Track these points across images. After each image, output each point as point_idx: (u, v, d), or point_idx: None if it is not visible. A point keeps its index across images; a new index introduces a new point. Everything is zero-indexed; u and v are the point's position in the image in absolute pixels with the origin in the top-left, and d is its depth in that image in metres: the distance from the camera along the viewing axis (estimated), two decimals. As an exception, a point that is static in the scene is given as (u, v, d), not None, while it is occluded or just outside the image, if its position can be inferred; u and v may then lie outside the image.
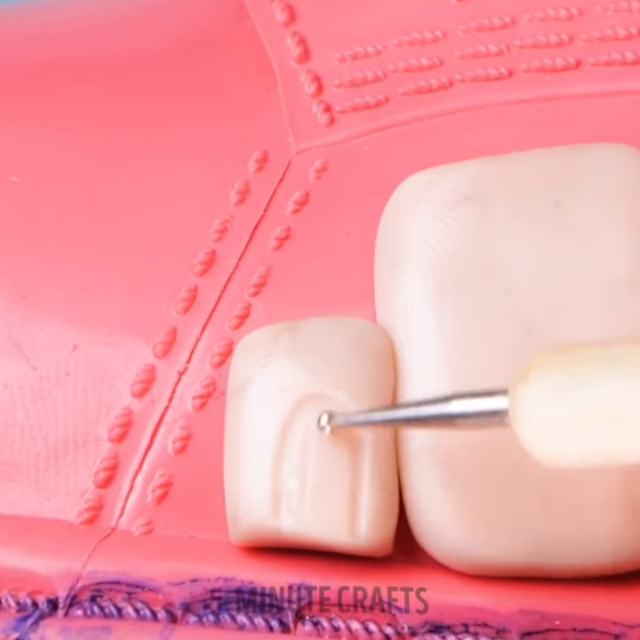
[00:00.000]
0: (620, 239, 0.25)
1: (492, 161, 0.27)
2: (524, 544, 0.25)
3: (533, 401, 0.22)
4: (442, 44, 0.29)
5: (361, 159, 0.29)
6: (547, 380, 0.22)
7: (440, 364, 0.26)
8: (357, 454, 0.26)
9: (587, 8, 0.28)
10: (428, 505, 0.25)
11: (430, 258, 0.26)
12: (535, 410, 0.22)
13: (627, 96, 0.27)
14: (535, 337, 0.26)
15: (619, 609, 0.24)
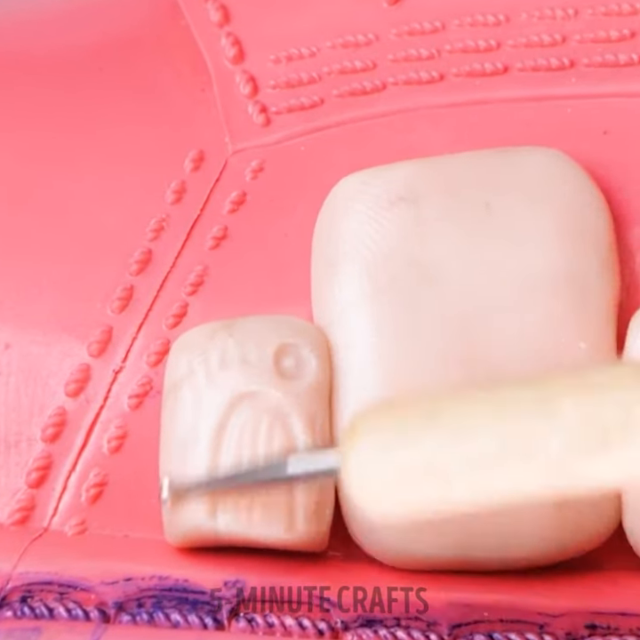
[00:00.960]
0: (547, 240, 0.26)
1: (425, 163, 0.27)
2: (453, 539, 0.25)
3: (359, 459, 0.22)
4: (375, 48, 0.29)
5: (297, 160, 0.29)
6: (371, 437, 0.22)
7: (375, 362, 0.26)
8: (292, 452, 0.26)
9: (513, 15, 0.28)
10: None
11: (365, 258, 0.27)
12: (361, 467, 0.22)
13: (552, 101, 0.28)
14: (466, 335, 0.26)
15: (543, 600, 0.25)
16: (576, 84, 0.27)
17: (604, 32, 0.28)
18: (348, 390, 0.26)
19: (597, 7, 0.28)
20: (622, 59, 0.27)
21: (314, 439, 0.26)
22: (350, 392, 0.26)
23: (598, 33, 0.28)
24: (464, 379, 0.25)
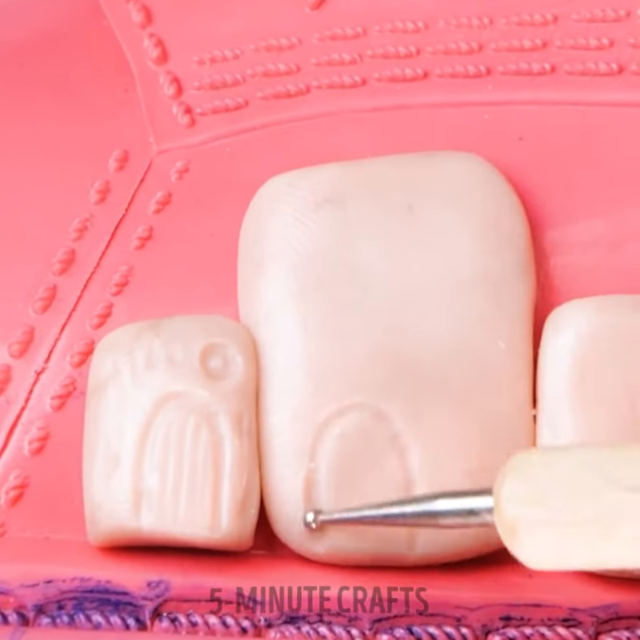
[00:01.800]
0: (466, 242, 0.26)
1: (350, 165, 0.27)
2: (374, 535, 0.25)
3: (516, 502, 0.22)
4: (298, 51, 0.29)
5: (222, 161, 0.29)
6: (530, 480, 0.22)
7: (301, 363, 0.26)
8: (219, 452, 0.26)
9: (431, 22, 0.29)
10: (286, 499, 0.26)
11: (291, 258, 0.27)
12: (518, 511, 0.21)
13: (470, 107, 0.28)
14: (391, 335, 0.26)
15: (461, 594, 0.25)
16: (492, 90, 0.28)
17: (518, 41, 0.28)
18: (275, 390, 0.26)
19: (511, 17, 0.29)
20: (535, 67, 0.28)
21: (240, 439, 0.26)
22: (277, 392, 0.26)
23: (512, 42, 0.28)
24: (389, 378, 0.26)
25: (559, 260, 0.27)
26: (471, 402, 0.26)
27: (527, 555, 0.22)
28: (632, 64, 0.27)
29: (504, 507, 0.22)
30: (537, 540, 0.22)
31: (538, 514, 0.21)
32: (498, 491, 0.22)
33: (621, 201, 0.27)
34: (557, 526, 0.21)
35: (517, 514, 0.22)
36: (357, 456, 0.26)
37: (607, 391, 0.25)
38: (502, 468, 0.22)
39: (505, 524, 0.22)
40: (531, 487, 0.22)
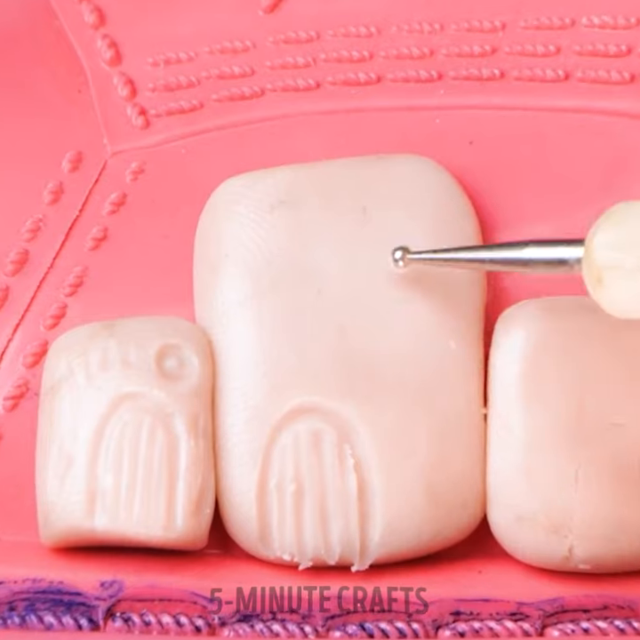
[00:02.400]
0: (422, 244, 0.26)
1: (305, 168, 0.27)
2: (328, 536, 0.25)
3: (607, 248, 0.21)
4: (252, 54, 0.29)
5: (178, 162, 0.29)
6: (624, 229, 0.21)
7: (257, 364, 0.26)
8: (174, 452, 0.26)
9: (384, 27, 0.29)
10: (240, 500, 0.26)
11: (247, 260, 0.27)
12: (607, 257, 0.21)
13: (422, 111, 0.28)
14: (345, 336, 0.26)
15: (418, 589, 0.25)
16: (444, 95, 0.28)
17: (468, 47, 0.29)
18: (231, 391, 0.26)
19: (461, 23, 0.29)
20: (485, 73, 0.28)
21: (196, 440, 0.26)
22: (232, 393, 0.26)
23: (463, 48, 0.29)
24: (344, 378, 0.26)
25: (510, 260, 0.27)
26: (424, 401, 0.26)
27: (610, 302, 0.21)
28: (578, 71, 0.28)
29: (594, 253, 0.21)
30: (621, 288, 0.21)
31: (625, 261, 0.21)
32: (590, 238, 0.22)
33: (568, 204, 0.27)
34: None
35: (606, 260, 0.21)
36: (312, 456, 0.26)
37: (556, 389, 0.25)
38: (597, 220, 0.22)
39: (592, 271, 0.21)
40: (623, 235, 0.21)
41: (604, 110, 0.27)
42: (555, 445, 0.25)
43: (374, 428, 0.25)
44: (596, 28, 0.28)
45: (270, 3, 0.30)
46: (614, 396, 0.25)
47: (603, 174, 0.27)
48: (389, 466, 0.25)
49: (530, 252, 0.23)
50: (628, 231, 0.21)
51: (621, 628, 0.24)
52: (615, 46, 0.28)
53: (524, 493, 0.25)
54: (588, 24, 0.28)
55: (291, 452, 0.26)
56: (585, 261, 0.22)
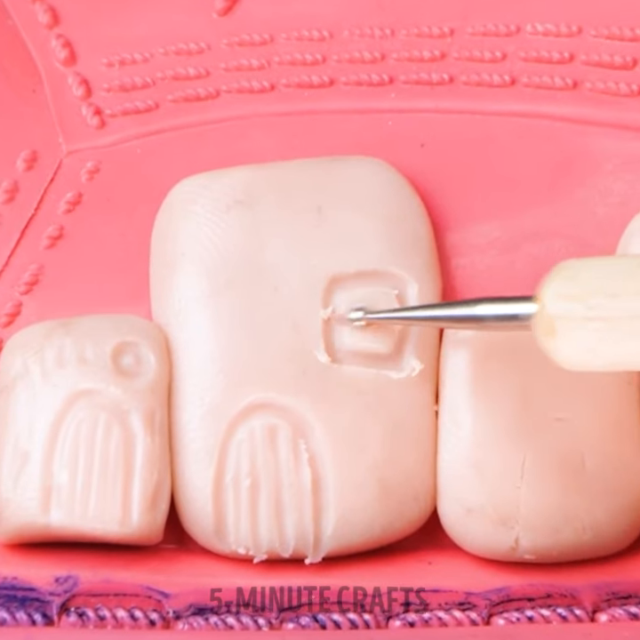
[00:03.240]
0: (375, 243, 0.26)
1: (261, 168, 0.27)
2: (280, 530, 0.25)
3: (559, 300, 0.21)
4: (207, 56, 0.29)
5: (133, 162, 0.29)
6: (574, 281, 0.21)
7: (213, 360, 0.26)
8: (130, 449, 0.25)
9: (336, 31, 0.29)
10: (196, 495, 0.26)
11: (204, 258, 0.26)
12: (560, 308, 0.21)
13: (375, 114, 0.28)
14: (300, 333, 0.26)
15: (364, 582, 0.25)
16: (395, 98, 0.28)
17: (418, 52, 0.29)
18: (187, 388, 0.26)
19: (411, 29, 0.29)
20: (435, 77, 0.29)
21: (152, 436, 0.26)
22: (189, 389, 0.26)
23: (413, 52, 0.29)
24: (298, 375, 0.26)
25: (460, 260, 0.27)
26: (377, 398, 0.26)
27: (562, 353, 0.22)
28: (523, 76, 0.28)
29: (547, 305, 0.21)
30: (572, 338, 0.21)
31: (578, 311, 0.21)
32: (542, 291, 0.22)
33: (515, 205, 0.27)
34: (595, 322, 0.21)
35: (558, 311, 0.21)
36: (268, 451, 0.26)
37: (502, 388, 0.25)
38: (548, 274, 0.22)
39: (545, 322, 0.22)
40: (574, 286, 0.21)
41: (548, 115, 0.28)
42: (502, 439, 0.25)
43: (328, 424, 0.25)
44: (540, 36, 0.28)
45: (224, 6, 0.30)
46: (557, 393, 0.25)
47: (548, 176, 0.27)
48: (343, 460, 0.25)
49: (482, 308, 0.23)
50: (578, 284, 0.21)
51: (564, 616, 0.24)
52: (558, 53, 0.28)
53: (472, 487, 0.25)
54: (532, 31, 0.28)
55: (246, 447, 0.26)
56: (538, 314, 0.22)
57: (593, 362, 0.22)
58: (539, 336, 0.22)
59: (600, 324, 0.21)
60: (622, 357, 0.21)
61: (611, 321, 0.21)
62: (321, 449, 0.25)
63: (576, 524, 0.25)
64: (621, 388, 0.25)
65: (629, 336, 0.21)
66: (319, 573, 0.25)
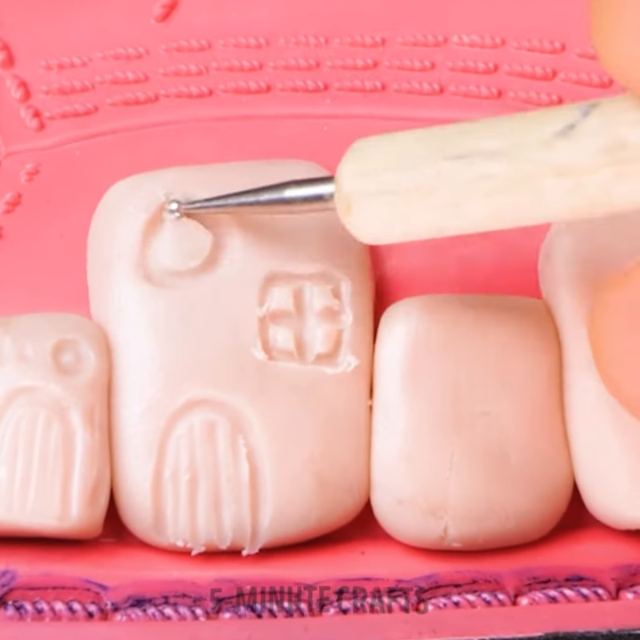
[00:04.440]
0: (311, 245, 0.26)
1: (194, 170, 0.27)
2: (214, 524, 0.25)
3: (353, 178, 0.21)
4: (145, 61, 0.29)
5: (72, 164, 0.28)
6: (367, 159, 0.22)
7: (152, 358, 0.26)
8: (70, 445, 0.25)
9: (272, 39, 0.29)
10: (135, 490, 0.25)
11: (140, 259, 0.26)
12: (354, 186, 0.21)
13: (310, 119, 0.28)
14: (237, 330, 0.26)
15: (300, 572, 0.25)
16: (330, 105, 0.28)
17: (352, 60, 0.29)
18: (127, 385, 0.26)
19: (344, 37, 0.29)
20: (368, 85, 0.29)
21: (92, 432, 0.25)
22: (128, 386, 0.26)
23: (346, 60, 0.29)
24: (236, 372, 0.25)
25: (392, 261, 0.27)
26: (313, 392, 0.26)
27: (359, 228, 0.22)
28: (451, 85, 0.28)
29: (341, 183, 0.22)
30: (367, 212, 0.22)
31: (369, 186, 0.21)
32: (338, 171, 0.22)
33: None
34: (384, 196, 0.21)
35: (351, 188, 0.22)
36: (207, 446, 0.25)
37: (434, 381, 0.25)
38: (344, 155, 0.22)
39: (342, 200, 0.22)
40: (365, 164, 0.22)
41: (475, 122, 0.28)
42: (432, 433, 0.25)
43: (266, 419, 0.25)
44: (466, 47, 0.29)
45: (162, 12, 0.29)
46: (485, 387, 0.25)
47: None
48: (280, 455, 0.25)
49: (290, 192, 0.24)
50: (369, 162, 0.22)
51: (488, 600, 0.24)
52: (483, 63, 0.28)
53: (403, 478, 0.25)
54: (458, 42, 0.29)
55: (185, 442, 0.25)
56: (336, 193, 0.22)
57: (389, 236, 0.22)
58: (340, 215, 0.22)
59: (391, 197, 0.21)
60: (413, 228, 0.22)
61: (399, 194, 0.21)
62: (259, 444, 0.25)
63: (500, 513, 0.25)
64: (543, 383, 0.25)
65: (417, 207, 0.21)
66: (256, 564, 0.25)
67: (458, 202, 0.21)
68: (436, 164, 0.21)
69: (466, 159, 0.21)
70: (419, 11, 0.29)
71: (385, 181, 0.21)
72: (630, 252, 0.25)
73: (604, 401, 0.24)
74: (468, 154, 0.21)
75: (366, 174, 0.22)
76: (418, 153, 0.21)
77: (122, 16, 0.29)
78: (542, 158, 0.20)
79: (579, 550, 0.25)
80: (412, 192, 0.21)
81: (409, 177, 0.21)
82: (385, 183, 0.21)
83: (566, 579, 0.24)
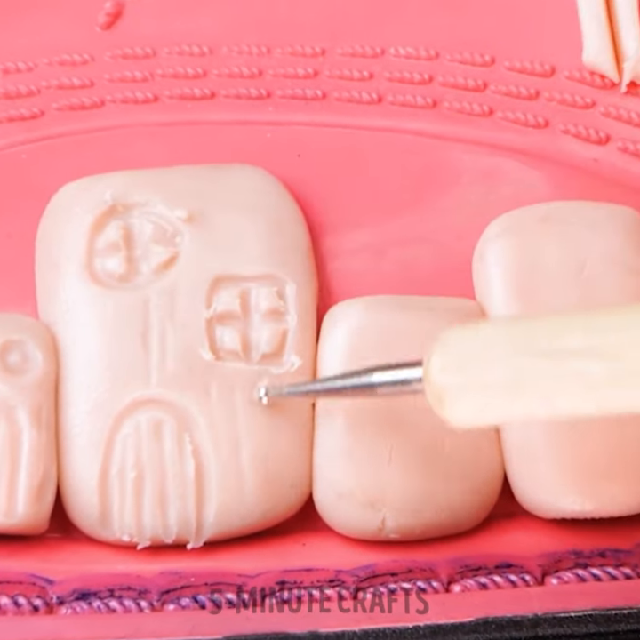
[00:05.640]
0: (257, 246, 0.26)
1: (142, 173, 0.26)
2: (160, 519, 0.25)
3: (443, 372, 0.22)
4: (91, 67, 0.28)
5: (19, 167, 0.28)
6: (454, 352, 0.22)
7: (99, 358, 0.25)
8: (17, 443, 0.24)
9: (216, 47, 0.28)
10: (82, 487, 0.25)
11: (89, 260, 0.26)
12: (444, 379, 0.22)
13: (254, 126, 0.28)
14: (185, 331, 0.25)
15: (243, 564, 0.25)
16: (273, 112, 0.28)
17: (293, 69, 0.29)
18: (75, 384, 0.25)
19: (285, 47, 0.29)
20: (309, 93, 0.28)
21: (39, 431, 0.25)
22: (76, 386, 0.25)
23: (288, 69, 0.29)
24: (182, 372, 0.25)
25: (335, 264, 0.27)
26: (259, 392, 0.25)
27: (454, 418, 0.22)
28: (389, 95, 0.28)
29: (432, 377, 0.22)
30: (459, 405, 0.22)
31: (458, 380, 0.22)
32: (427, 363, 0.22)
33: (384, 212, 0.27)
34: (474, 389, 0.22)
35: (443, 382, 0.22)
36: (153, 445, 0.25)
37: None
38: (429, 345, 0.22)
39: (433, 392, 0.22)
40: (452, 358, 0.22)
41: (411, 130, 0.28)
42: (371, 429, 0.25)
43: (212, 418, 0.25)
44: (402, 58, 0.29)
45: (107, 20, 0.29)
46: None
47: (412, 186, 0.27)
48: (225, 452, 0.25)
49: (377, 377, 0.24)
50: (455, 354, 0.22)
51: (422, 588, 0.24)
52: (419, 75, 0.29)
53: (343, 473, 0.25)
54: (395, 54, 0.29)
55: (132, 441, 0.25)
56: (426, 387, 0.22)
57: (484, 423, 0.22)
58: (433, 407, 0.23)
59: (480, 391, 0.22)
60: (508, 417, 0.22)
61: (489, 388, 0.22)
62: (204, 442, 0.25)
63: (435, 504, 0.25)
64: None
65: (507, 400, 0.22)
66: (200, 557, 0.25)
67: (549, 396, 0.21)
68: (522, 360, 0.21)
69: (555, 357, 0.21)
70: (357, 23, 0.29)
71: (473, 375, 0.22)
72: (558, 255, 0.26)
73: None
74: (556, 351, 0.21)
75: (454, 368, 0.22)
76: (502, 348, 0.21)
77: (67, 23, 0.29)
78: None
79: (508, 539, 0.25)
80: (501, 387, 0.21)
81: (497, 372, 0.21)
82: (473, 377, 0.22)
83: (496, 566, 0.25)
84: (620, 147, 0.27)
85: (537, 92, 0.28)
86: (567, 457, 0.24)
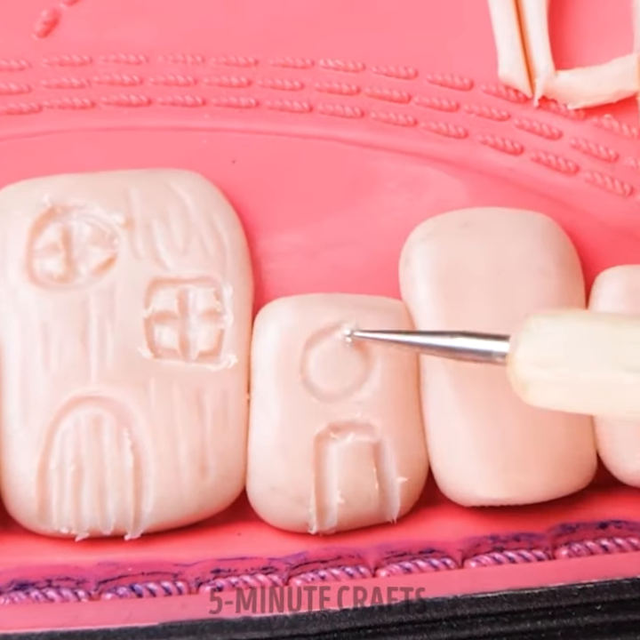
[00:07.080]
0: (194, 250, 0.26)
1: (81, 176, 0.26)
2: (98, 512, 0.25)
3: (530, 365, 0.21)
4: (28, 73, 0.28)
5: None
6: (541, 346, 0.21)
7: (39, 356, 0.25)
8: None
9: (152, 56, 0.28)
10: (21, 481, 0.24)
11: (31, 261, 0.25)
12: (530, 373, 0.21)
13: (190, 132, 0.27)
14: (125, 330, 0.25)
15: (179, 553, 0.25)
16: (209, 119, 0.28)
17: (227, 78, 0.28)
18: (14, 381, 0.25)
19: (220, 57, 0.29)
20: (243, 101, 0.28)
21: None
22: (15, 383, 0.25)
23: (222, 78, 0.28)
24: (121, 369, 0.25)
25: (269, 265, 0.27)
26: (196, 389, 0.25)
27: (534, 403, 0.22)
28: (319, 104, 0.28)
29: (517, 367, 0.22)
30: (542, 396, 0.22)
31: (546, 377, 0.22)
32: (513, 350, 0.22)
33: (314, 216, 0.27)
34: (562, 388, 0.22)
35: (528, 375, 0.22)
36: (92, 440, 0.24)
37: (305, 375, 0.25)
38: (517, 329, 0.22)
39: (517, 380, 0.22)
40: (540, 354, 0.22)
41: (341, 139, 0.28)
42: (303, 426, 0.25)
43: (150, 414, 0.25)
44: (331, 70, 0.29)
45: (43, 28, 0.28)
46: (350, 377, 0.25)
47: (341, 192, 0.27)
48: (163, 447, 0.25)
49: (460, 341, 0.23)
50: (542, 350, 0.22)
51: (351, 574, 0.25)
52: (347, 86, 0.29)
53: (276, 468, 0.25)
54: (324, 65, 0.29)
55: (71, 437, 0.24)
56: (511, 374, 0.22)
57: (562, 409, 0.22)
58: (515, 389, 0.22)
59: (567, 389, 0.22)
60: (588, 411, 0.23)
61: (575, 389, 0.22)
62: (143, 437, 0.25)
63: (364, 496, 0.25)
64: (407, 375, 0.26)
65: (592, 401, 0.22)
66: (138, 547, 0.25)
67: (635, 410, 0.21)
68: (614, 372, 0.21)
69: None
70: (289, 35, 0.29)
71: (561, 374, 0.21)
72: (479, 258, 0.26)
73: (453, 395, 0.25)
74: None
75: (541, 365, 0.22)
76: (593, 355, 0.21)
77: (3, 31, 0.28)
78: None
79: (431, 526, 0.25)
80: (588, 391, 0.21)
81: (585, 377, 0.21)
82: (561, 376, 0.21)
83: (420, 551, 0.25)
84: (534, 157, 0.28)
85: (457, 104, 0.28)
86: (484, 448, 0.25)
